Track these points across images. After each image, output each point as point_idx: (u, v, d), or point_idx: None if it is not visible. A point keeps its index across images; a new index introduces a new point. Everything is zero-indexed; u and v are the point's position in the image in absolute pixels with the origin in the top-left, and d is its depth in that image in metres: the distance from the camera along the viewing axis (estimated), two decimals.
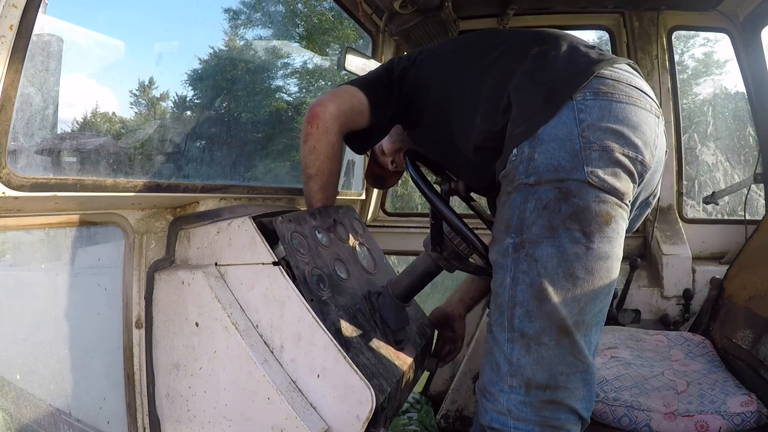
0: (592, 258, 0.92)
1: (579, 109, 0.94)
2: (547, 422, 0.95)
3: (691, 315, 2.10)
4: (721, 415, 1.24)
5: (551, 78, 0.99)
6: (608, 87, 0.96)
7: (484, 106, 1.08)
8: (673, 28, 2.37)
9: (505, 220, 0.98)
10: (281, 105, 5.17)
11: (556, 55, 1.03)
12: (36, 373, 1.20)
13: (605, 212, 0.92)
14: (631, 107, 0.96)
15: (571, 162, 0.92)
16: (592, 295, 0.94)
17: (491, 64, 1.11)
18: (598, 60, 1.00)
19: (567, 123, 0.93)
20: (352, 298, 1.30)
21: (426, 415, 2.06)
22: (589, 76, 0.96)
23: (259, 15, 4.98)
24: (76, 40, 1.59)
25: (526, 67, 1.03)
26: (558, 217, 0.92)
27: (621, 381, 1.38)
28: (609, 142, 0.93)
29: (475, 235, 1.15)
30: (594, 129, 0.93)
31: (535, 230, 0.93)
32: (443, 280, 2.80)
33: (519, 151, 0.96)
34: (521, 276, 0.94)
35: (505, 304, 0.96)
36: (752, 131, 2.72)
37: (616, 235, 0.95)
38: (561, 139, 0.93)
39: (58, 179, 0.98)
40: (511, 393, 0.96)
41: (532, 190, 0.94)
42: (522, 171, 0.95)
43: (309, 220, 1.35)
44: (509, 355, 0.96)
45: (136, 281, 1.27)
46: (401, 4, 1.97)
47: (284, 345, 1.15)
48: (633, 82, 1.00)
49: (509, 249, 0.96)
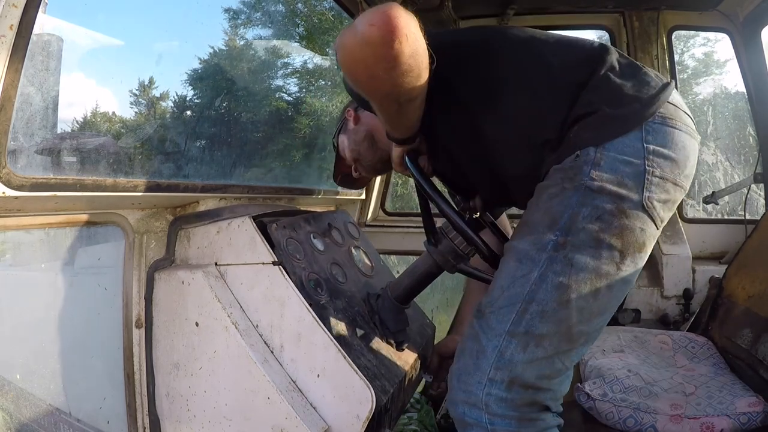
0: (618, 279, 0.94)
1: (646, 131, 0.94)
2: (525, 416, 0.94)
3: (691, 315, 2.09)
4: (727, 416, 1.24)
5: (624, 95, 0.97)
6: (672, 113, 0.97)
7: (543, 111, 1.03)
8: (673, 28, 2.36)
9: (553, 214, 0.95)
10: (281, 105, 5.16)
11: (623, 71, 1.01)
12: (36, 373, 1.20)
13: (643, 240, 0.94)
14: (687, 136, 0.97)
15: (634, 181, 0.92)
16: (602, 311, 0.95)
17: (549, 71, 1.04)
18: (665, 84, 1.00)
19: (635, 142, 0.94)
20: (351, 301, 1.30)
21: (426, 415, 2.06)
22: (662, 102, 0.96)
23: (259, 15, 4.97)
24: (76, 40, 1.59)
25: (595, 81, 0.99)
26: (608, 232, 0.92)
27: (630, 381, 1.37)
28: (668, 171, 0.94)
29: (479, 236, 1.14)
30: (658, 154, 0.93)
31: (583, 236, 0.92)
32: (443, 281, 2.80)
33: (584, 153, 0.95)
34: (551, 276, 0.92)
35: (520, 296, 0.94)
36: (752, 131, 2.72)
37: (641, 264, 0.97)
38: (627, 155, 0.93)
39: (58, 179, 0.98)
40: (491, 387, 0.93)
41: (592, 196, 0.93)
42: (587, 172, 0.93)
43: (304, 225, 1.36)
44: (504, 348, 0.93)
45: (136, 281, 1.27)
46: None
47: (284, 345, 1.15)
48: (685, 109, 1.01)
49: (548, 245, 0.94)
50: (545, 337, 0.92)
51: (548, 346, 0.93)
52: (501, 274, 0.99)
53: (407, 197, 4.54)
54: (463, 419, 0.97)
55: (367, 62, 0.88)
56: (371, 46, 0.85)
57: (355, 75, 0.92)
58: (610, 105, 0.96)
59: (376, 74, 0.89)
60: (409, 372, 1.31)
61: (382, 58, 0.87)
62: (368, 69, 0.89)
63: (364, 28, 0.85)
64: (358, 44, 0.86)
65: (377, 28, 0.85)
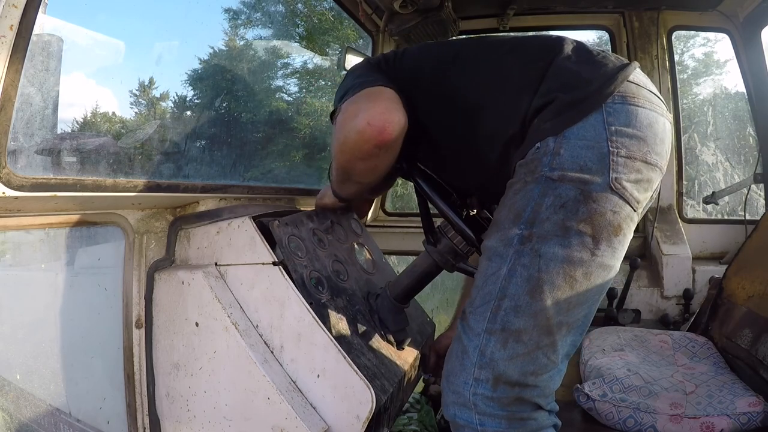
0: (594, 265, 0.92)
1: (607, 113, 0.93)
2: (515, 415, 0.94)
3: (691, 315, 2.09)
4: (727, 416, 1.24)
5: (580, 78, 0.97)
6: (633, 92, 0.95)
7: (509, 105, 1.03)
8: (673, 28, 2.36)
9: (516, 209, 0.95)
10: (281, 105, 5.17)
11: (579, 58, 1.01)
12: (36, 373, 1.20)
13: (617, 223, 0.92)
14: (653, 114, 0.96)
15: (598, 164, 0.91)
16: (582, 300, 0.93)
17: (508, 69, 1.06)
18: (623, 64, 0.99)
19: (595, 125, 0.92)
20: (352, 299, 1.30)
21: (426, 415, 2.06)
22: (620, 81, 0.95)
23: (259, 15, 4.98)
24: (76, 40, 1.59)
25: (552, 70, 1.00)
26: (574, 219, 0.90)
27: (630, 381, 1.37)
28: (635, 149, 0.92)
29: (477, 235, 1.14)
30: (621, 134, 0.92)
31: (548, 227, 0.91)
32: (443, 281, 2.80)
33: (543, 144, 0.94)
34: (520, 269, 0.92)
35: (493, 293, 0.94)
36: (752, 131, 2.71)
37: (620, 247, 0.95)
38: (588, 140, 0.92)
39: (58, 179, 0.98)
40: (477, 386, 0.93)
41: (553, 186, 0.92)
42: (546, 163, 0.93)
43: (306, 222, 1.35)
44: (483, 346, 0.93)
45: (136, 281, 1.27)
46: (401, 4, 1.97)
47: (284, 345, 1.15)
48: (650, 87, 1.00)
49: (514, 240, 0.93)
50: (523, 332, 0.92)
51: (528, 341, 0.92)
52: (477, 275, 1.00)
53: (407, 197, 4.54)
54: (455, 421, 0.97)
55: (347, 142, 1.06)
56: (358, 140, 1.03)
57: (336, 137, 1.10)
58: (566, 91, 0.95)
59: (345, 151, 1.09)
60: (409, 371, 1.31)
61: (358, 149, 1.05)
62: (343, 146, 1.08)
63: (361, 123, 1.02)
64: (351, 129, 1.04)
65: (374, 116, 1.01)
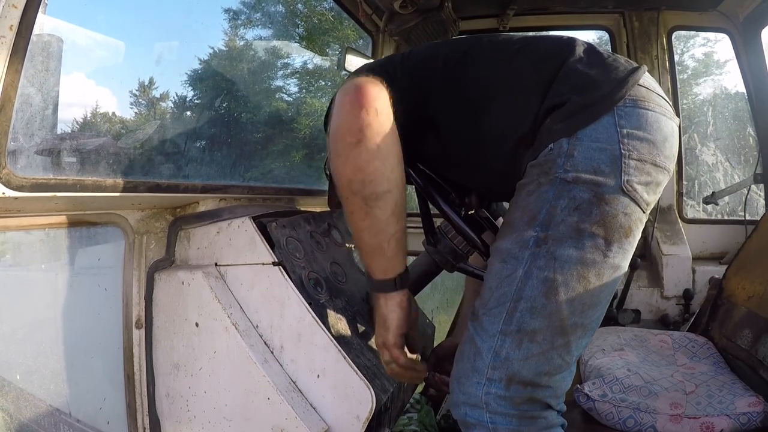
0: (606, 266, 0.93)
1: (619, 116, 0.94)
2: (526, 414, 0.94)
3: (691, 315, 2.09)
4: (727, 416, 1.24)
5: (592, 81, 0.98)
6: (644, 96, 0.97)
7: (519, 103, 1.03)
8: (673, 28, 2.36)
9: (531, 211, 0.95)
10: (281, 105, 5.17)
11: (590, 60, 1.01)
12: (36, 373, 1.20)
13: (628, 225, 0.94)
14: (663, 117, 0.97)
15: (610, 167, 0.92)
16: (595, 300, 0.95)
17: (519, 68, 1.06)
18: (634, 68, 1.00)
19: (607, 127, 0.93)
20: (351, 300, 1.30)
21: (426, 415, 2.06)
22: (631, 84, 0.96)
23: (259, 15, 4.98)
24: (76, 40, 1.59)
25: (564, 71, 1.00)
26: (588, 221, 0.92)
27: (630, 380, 1.37)
28: (646, 152, 0.94)
29: (477, 234, 1.14)
30: (632, 137, 0.93)
31: (563, 229, 0.92)
32: (443, 281, 2.80)
33: (557, 146, 0.95)
34: (536, 271, 0.93)
35: (508, 295, 0.95)
36: (752, 131, 2.72)
37: (630, 248, 0.96)
38: (601, 142, 0.93)
39: (58, 179, 0.98)
40: (490, 386, 0.94)
41: (568, 188, 0.93)
42: (560, 165, 0.93)
43: (304, 224, 1.36)
44: (498, 347, 0.94)
45: (136, 281, 1.27)
46: (401, 4, 1.97)
47: (284, 345, 1.15)
48: (659, 91, 1.01)
49: (530, 242, 0.94)
50: (538, 332, 0.93)
51: (542, 341, 0.93)
52: (489, 276, 1.00)
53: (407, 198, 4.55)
54: (465, 420, 0.97)
55: (336, 133, 0.93)
56: (346, 120, 0.91)
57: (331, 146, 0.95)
58: (579, 93, 0.96)
59: (340, 152, 0.93)
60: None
61: (345, 127, 0.91)
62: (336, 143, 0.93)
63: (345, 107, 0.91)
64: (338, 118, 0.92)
65: (352, 86, 0.91)
